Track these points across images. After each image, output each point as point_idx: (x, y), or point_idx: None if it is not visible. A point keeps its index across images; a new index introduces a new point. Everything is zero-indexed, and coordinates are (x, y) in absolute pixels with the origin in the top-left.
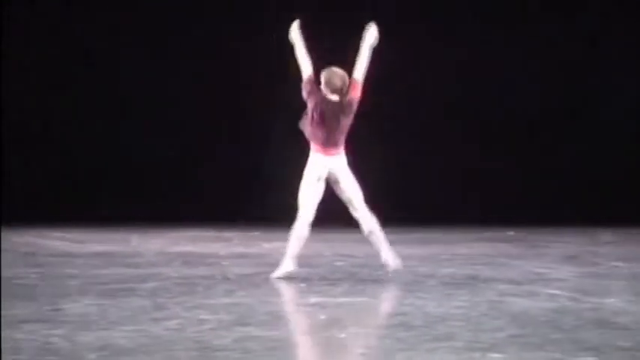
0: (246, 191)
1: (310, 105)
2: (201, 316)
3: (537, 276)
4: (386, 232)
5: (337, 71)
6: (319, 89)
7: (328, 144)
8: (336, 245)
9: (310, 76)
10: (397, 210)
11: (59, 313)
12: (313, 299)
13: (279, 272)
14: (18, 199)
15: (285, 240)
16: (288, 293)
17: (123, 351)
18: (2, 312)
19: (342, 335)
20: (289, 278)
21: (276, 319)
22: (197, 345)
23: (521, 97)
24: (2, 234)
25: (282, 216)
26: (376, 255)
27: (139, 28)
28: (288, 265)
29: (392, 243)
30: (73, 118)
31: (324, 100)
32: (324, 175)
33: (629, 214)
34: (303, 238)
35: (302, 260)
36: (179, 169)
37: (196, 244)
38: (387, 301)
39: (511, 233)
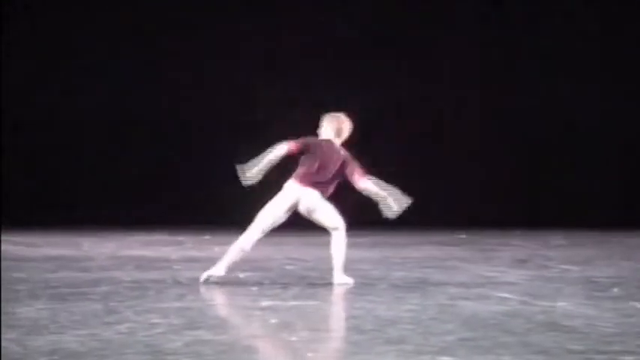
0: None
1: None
2: (153, 320)
3: (487, 279)
4: None
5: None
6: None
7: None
8: (286, 249)
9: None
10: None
11: (10, 317)
12: (264, 303)
13: (207, 273)
14: None
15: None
16: (238, 297)
17: (74, 355)
18: None
19: (293, 339)
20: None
21: (227, 322)
22: (148, 349)
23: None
24: None
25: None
26: (325, 259)
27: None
28: (219, 270)
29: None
30: (27, 122)
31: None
32: (294, 208)
33: (580, 216)
34: (244, 252)
35: (253, 264)
36: (135, 172)
37: (149, 248)
38: (338, 304)
39: (462, 236)
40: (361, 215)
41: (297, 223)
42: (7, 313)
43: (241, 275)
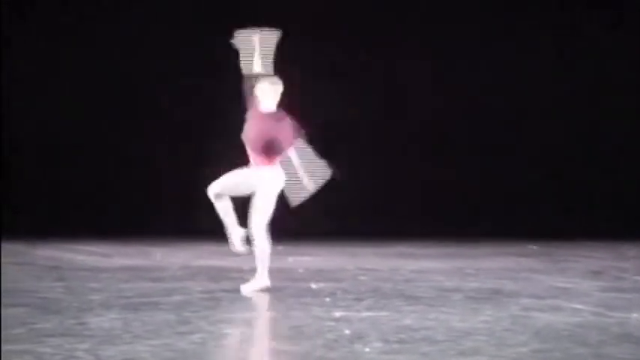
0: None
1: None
2: (225, 331)
3: (561, 290)
4: (412, 246)
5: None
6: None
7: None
8: (359, 259)
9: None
10: (422, 224)
11: (84, 327)
12: (337, 313)
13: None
14: (43, 212)
15: (310, 254)
16: (311, 308)
17: None
18: (27, 326)
19: (367, 350)
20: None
21: (300, 333)
22: (221, 359)
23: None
24: (27, 248)
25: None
26: (400, 269)
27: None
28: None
29: (417, 257)
30: (96, 132)
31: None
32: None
33: None
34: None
35: (326, 275)
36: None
37: (221, 258)
38: (411, 315)
39: (534, 247)
40: (434, 226)
41: (372, 233)
42: (81, 323)
43: (314, 286)
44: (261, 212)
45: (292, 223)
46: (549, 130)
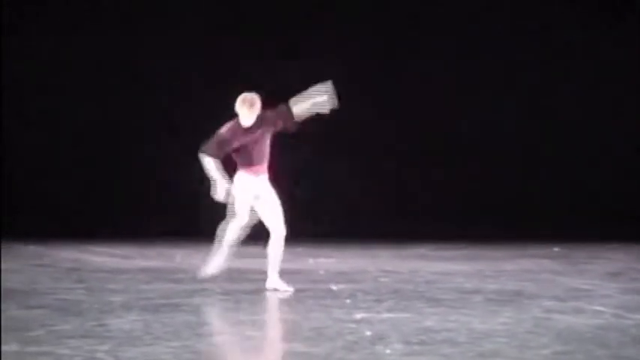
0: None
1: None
2: (246, 332)
3: (582, 292)
4: (433, 248)
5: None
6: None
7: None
8: (379, 261)
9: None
10: (443, 225)
11: (104, 329)
12: (358, 315)
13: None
14: (63, 214)
15: (330, 256)
16: (332, 309)
17: None
18: (47, 328)
19: (387, 351)
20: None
21: (321, 335)
22: None
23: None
24: (46, 250)
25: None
26: (420, 271)
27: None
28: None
29: (437, 259)
30: (112, 134)
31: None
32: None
33: None
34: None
35: (346, 276)
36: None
37: (242, 260)
38: (432, 317)
39: (556, 249)
40: (454, 228)
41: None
42: (101, 324)
43: (334, 287)
44: (277, 211)
45: (312, 225)
46: (568, 133)
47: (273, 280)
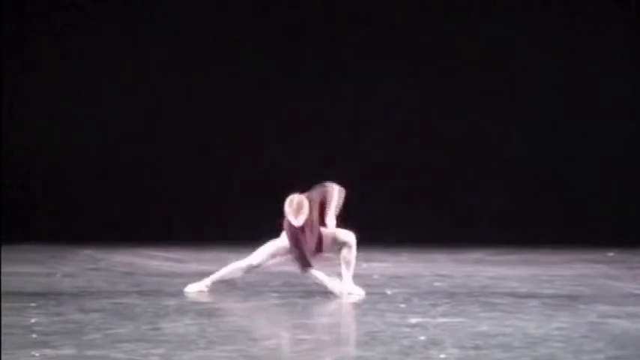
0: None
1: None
2: (300, 336)
3: (637, 297)
4: (487, 253)
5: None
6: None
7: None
8: (434, 265)
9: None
10: (499, 230)
11: (158, 333)
12: (413, 320)
13: (192, 287)
14: (120, 218)
15: (385, 260)
16: (387, 314)
17: None
18: (102, 332)
19: (442, 356)
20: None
21: (375, 339)
22: None
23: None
24: (102, 253)
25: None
26: (475, 276)
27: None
28: (202, 285)
29: (493, 263)
30: (171, 140)
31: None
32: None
33: None
34: (235, 273)
35: (401, 281)
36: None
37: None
38: (487, 322)
39: (611, 254)
40: (508, 233)
41: (445, 239)
42: (156, 328)
43: (389, 292)
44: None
45: (367, 230)
46: (624, 136)
47: (348, 284)
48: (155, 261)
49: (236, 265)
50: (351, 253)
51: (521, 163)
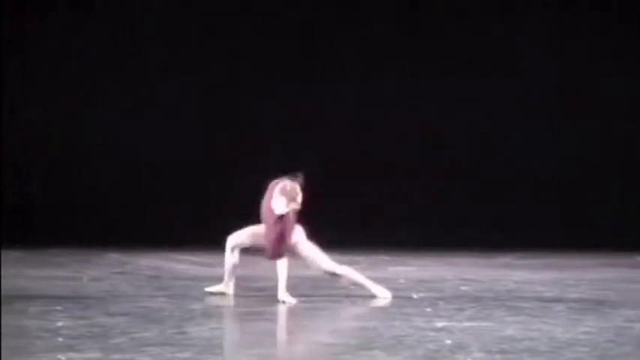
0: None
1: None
2: (327, 340)
3: None
4: (513, 257)
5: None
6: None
7: None
8: (460, 269)
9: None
10: (524, 234)
11: (184, 337)
12: (439, 324)
13: (213, 288)
14: (147, 222)
15: (409, 264)
16: (413, 318)
17: None
18: (128, 335)
19: None
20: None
21: (402, 343)
22: None
23: None
24: (128, 257)
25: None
26: (501, 280)
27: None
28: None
29: (518, 267)
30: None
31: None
32: None
33: None
34: (232, 259)
35: (427, 285)
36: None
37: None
38: (513, 326)
39: (638, 258)
40: (534, 237)
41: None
42: (182, 332)
43: (415, 296)
44: (316, 252)
45: (392, 234)
46: None
47: (376, 290)
48: (182, 265)
49: (227, 254)
50: (355, 276)
51: (547, 168)
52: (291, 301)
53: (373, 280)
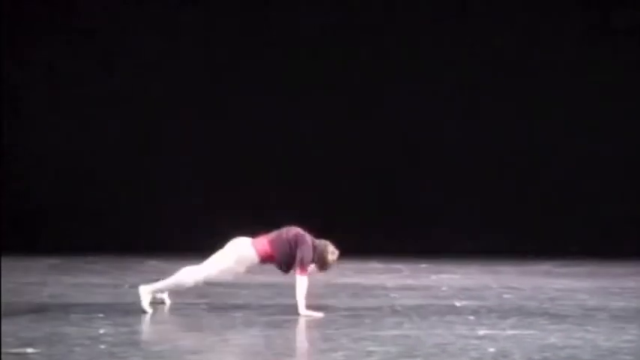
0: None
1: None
2: (369, 348)
3: None
4: (556, 265)
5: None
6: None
7: None
8: (503, 277)
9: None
10: (565, 243)
11: (225, 344)
12: (482, 332)
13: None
14: (184, 228)
15: (454, 272)
16: (455, 325)
17: None
18: (170, 343)
19: None
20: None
21: (444, 351)
22: None
23: None
24: (168, 264)
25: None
26: (544, 288)
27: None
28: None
29: (561, 275)
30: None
31: None
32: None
33: None
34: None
35: (469, 293)
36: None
37: (364, 276)
38: (556, 334)
39: None
40: (577, 245)
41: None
42: (223, 340)
43: (458, 304)
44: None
45: (436, 241)
46: None
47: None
48: None
49: (186, 281)
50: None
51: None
52: (316, 315)
53: (415, 287)
